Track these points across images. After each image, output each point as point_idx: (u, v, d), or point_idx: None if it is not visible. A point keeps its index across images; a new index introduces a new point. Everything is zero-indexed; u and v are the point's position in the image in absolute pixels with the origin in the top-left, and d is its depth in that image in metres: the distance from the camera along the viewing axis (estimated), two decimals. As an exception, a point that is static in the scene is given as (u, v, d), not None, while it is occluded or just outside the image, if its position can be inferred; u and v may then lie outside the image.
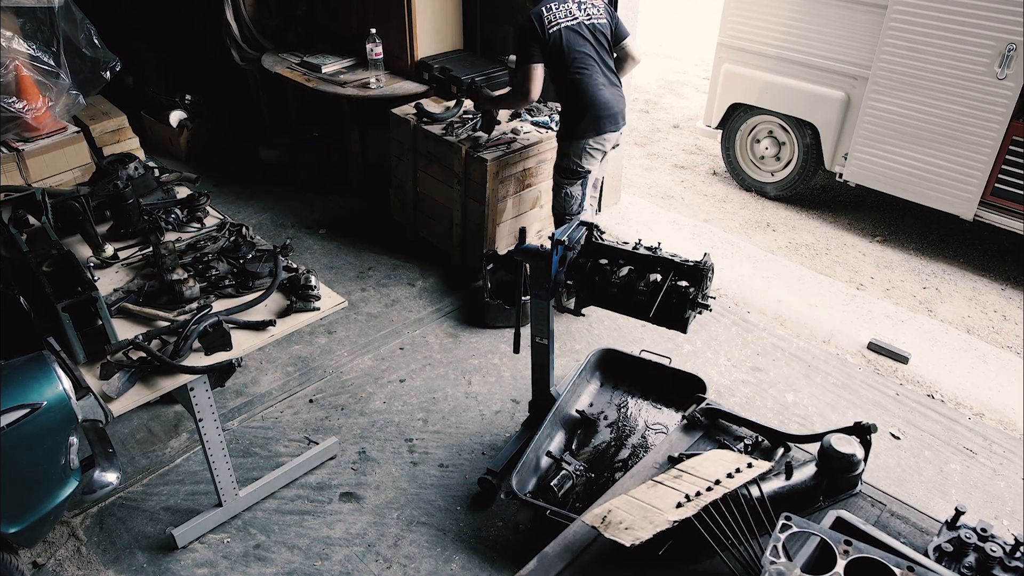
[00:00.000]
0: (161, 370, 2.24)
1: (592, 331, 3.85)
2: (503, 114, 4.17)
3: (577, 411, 3.06)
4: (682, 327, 2.55)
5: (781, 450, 1.94)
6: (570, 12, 3.37)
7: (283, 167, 5.19)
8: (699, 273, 2.49)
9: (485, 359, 3.65)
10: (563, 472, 2.73)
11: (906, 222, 5.06)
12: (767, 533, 1.51)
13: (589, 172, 3.59)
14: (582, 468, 2.79)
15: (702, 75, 7.90)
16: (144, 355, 2.23)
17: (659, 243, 2.63)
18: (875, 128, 4.53)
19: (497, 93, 3.72)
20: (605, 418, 3.07)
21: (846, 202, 5.37)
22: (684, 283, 2.51)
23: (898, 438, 3.25)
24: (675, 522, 1.54)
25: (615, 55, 3.56)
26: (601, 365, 3.24)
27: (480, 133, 3.91)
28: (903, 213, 5.11)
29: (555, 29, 3.33)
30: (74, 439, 2.10)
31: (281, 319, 2.50)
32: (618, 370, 3.22)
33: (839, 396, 3.47)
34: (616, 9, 4.17)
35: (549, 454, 2.86)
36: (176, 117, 5.34)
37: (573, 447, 2.95)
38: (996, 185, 4.24)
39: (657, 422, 3.05)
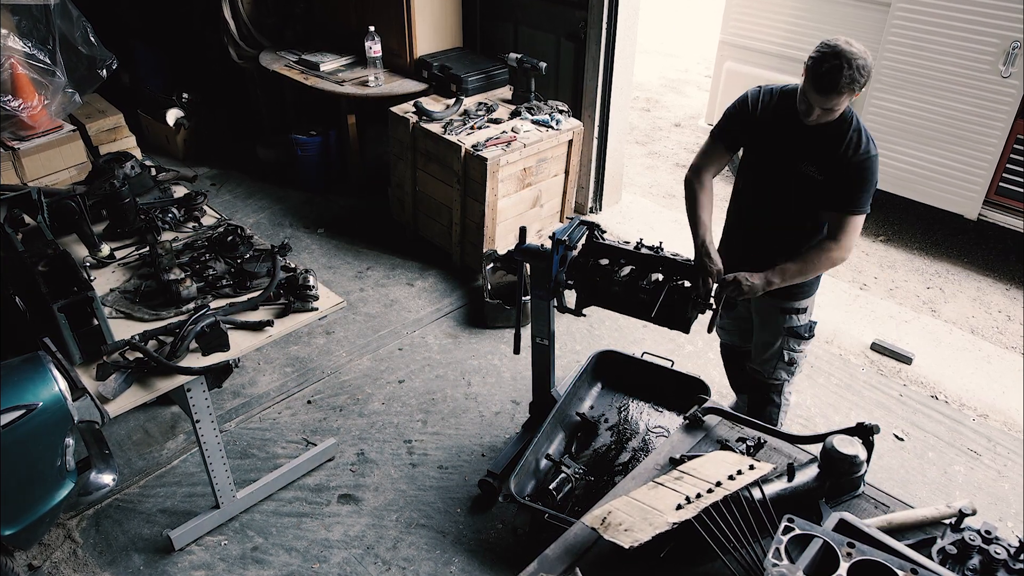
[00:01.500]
0: (158, 371, 2.22)
1: (593, 332, 3.83)
2: (503, 112, 4.15)
3: (578, 413, 3.04)
4: (684, 327, 2.53)
5: (784, 452, 1.92)
6: None
7: (281, 166, 5.17)
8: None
9: (485, 360, 3.62)
10: (562, 475, 2.70)
11: (909, 222, 5.04)
12: (769, 535, 1.49)
13: None
14: (581, 471, 2.77)
15: (704, 73, 7.87)
16: (141, 356, 2.21)
17: (661, 242, 2.61)
18: (878, 127, 4.50)
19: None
20: (606, 421, 3.05)
21: (848, 201, 5.35)
22: (686, 283, 2.49)
23: (901, 439, 3.23)
24: (675, 524, 1.52)
25: None
26: (602, 367, 3.21)
27: None
28: (906, 213, 5.08)
29: None
30: (70, 440, 2.09)
31: (279, 319, 2.48)
32: (619, 372, 3.19)
33: (842, 397, 3.44)
34: (617, 7, 4.14)
35: (548, 457, 2.83)
36: (173, 116, 5.32)
37: (573, 450, 2.92)
38: (1000, 184, 4.21)
39: (658, 425, 3.02)
